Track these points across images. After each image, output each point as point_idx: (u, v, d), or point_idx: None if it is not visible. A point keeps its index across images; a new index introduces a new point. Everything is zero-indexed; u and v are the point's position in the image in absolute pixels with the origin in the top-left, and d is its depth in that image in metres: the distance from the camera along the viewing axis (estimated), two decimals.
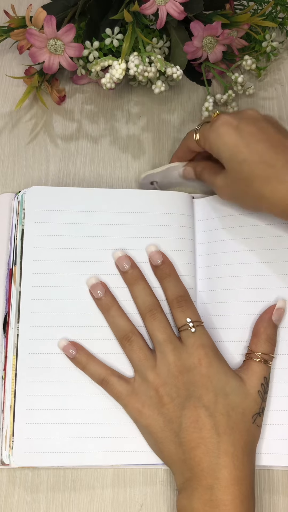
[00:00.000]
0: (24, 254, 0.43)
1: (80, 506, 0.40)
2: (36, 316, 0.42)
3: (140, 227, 0.44)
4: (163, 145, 0.52)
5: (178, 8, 0.46)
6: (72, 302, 0.42)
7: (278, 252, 0.43)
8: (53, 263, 0.43)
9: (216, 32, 0.49)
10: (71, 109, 0.54)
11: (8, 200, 0.46)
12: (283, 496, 0.40)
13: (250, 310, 0.42)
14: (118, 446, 0.40)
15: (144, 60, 0.46)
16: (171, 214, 0.45)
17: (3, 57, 0.56)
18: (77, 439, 0.40)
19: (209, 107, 0.51)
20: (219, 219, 0.45)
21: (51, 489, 0.40)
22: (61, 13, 0.50)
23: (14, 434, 0.39)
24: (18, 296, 0.42)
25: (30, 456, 0.39)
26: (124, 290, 0.42)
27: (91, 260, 0.43)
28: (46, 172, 0.50)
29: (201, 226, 0.46)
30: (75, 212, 0.44)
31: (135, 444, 0.40)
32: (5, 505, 0.40)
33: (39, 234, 0.43)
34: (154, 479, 0.41)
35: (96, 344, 0.41)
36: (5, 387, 0.41)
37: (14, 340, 0.41)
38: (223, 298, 0.43)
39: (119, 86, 0.55)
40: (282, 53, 0.57)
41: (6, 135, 0.52)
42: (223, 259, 0.44)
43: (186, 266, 0.44)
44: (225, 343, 0.42)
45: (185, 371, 0.38)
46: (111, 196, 0.45)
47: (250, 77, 0.56)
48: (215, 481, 0.35)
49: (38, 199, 0.44)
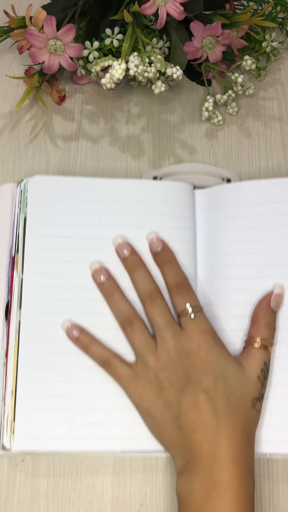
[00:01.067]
0: (27, 242, 0.43)
1: (80, 506, 0.40)
2: (38, 303, 0.42)
3: (142, 217, 0.44)
4: (163, 145, 0.52)
5: (178, 8, 0.46)
6: (74, 289, 0.42)
7: (279, 242, 0.44)
8: (56, 251, 0.43)
9: (216, 32, 0.49)
10: (71, 109, 0.54)
11: (10, 189, 0.47)
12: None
13: (251, 299, 0.43)
14: (119, 432, 0.40)
15: (144, 60, 0.46)
16: (172, 204, 0.45)
17: (3, 57, 0.56)
18: (78, 424, 0.40)
19: (209, 107, 0.51)
20: (220, 209, 0.45)
21: (51, 489, 0.40)
22: (61, 13, 0.50)
23: (15, 419, 0.39)
24: (20, 283, 0.43)
25: (31, 441, 0.39)
26: (126, 279, 0.43)
27: (92, 249, 0.43)
28: (46, 172, 0.50)
29: (202, 216, 0.46)
30: (76, 201, 0.44)
31: (137, 430, 0.40)
32: (5, 505, 0.40)
33: (41, 222, 0.44)
34: (154, 479, 0.41)
35: (96, 331, 0.42)
36: (7, 373, 0.41)
37: (16, 327, 0.42)
38: (224, 287, 0.43)
39: (119, 86, 0.55)
40: (282, 53, 0.57)
41: (6, 135, 0.52)
42: (223, 249, 0.44)
43: (187, 255, 0.44)
44: (226, 332, 0.42)
45: (185, 355, 0.38)
46: (112, 186, 0.45)
47: (250, 77, 0.56)
48: (215, 461, 0.35)
49: (40, 188, 0.45)
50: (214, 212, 0.46)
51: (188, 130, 0.53)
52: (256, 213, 0.44)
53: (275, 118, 0.54)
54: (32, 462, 0.41)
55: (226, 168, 0.51)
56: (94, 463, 0.41)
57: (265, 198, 0.45)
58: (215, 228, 0.45)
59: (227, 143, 0.53)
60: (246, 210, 0.45)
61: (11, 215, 0.46)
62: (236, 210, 0.45)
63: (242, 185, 0.46)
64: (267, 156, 0.52)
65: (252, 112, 0.54)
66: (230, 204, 0.45)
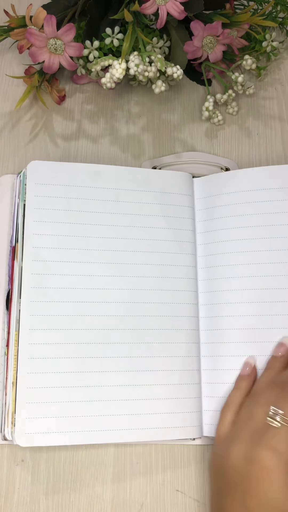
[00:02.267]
0: (26, 228, 0.43)
1: (80, 506, 0.40)
2: (35, 291, 0.42)
3: (140, 205, 0.45)
4: (163, 145, 0.52)
5: (178, 7, 0.46)
6: (71, 277, 0.42)
7: (278, 228, 0.44)
8: (52, 237, 0.43)
9: (216, 32, 0.49)
10: (71, 109, 0.54)
11: (10, 180, 0.47)
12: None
13: (245, 285, 0.43)
14: (120, 424, 0.40)
15: (144, 60, 0.46)
16: (171, 194, 0.45)
17: (3, 57, 0.56)
18: (78, 417, 0.39)
19: (209, 106, 0.51)
20: (217, 196, 0.46)
21: (50, 489, 0.40)
22: (61, 13, 0.50)
23: (16, 412, 0.39)
24: (20, 272, 0.42)
25: (31, 437, 0.39)
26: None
27: (89, 236, 0.44)
28: None
29: (199, 203, 0.46)
30: (74, 187, 0.45)
31: (137, 422, 0.40)
32: (5, 505, 0.40)
33: (39, 208, 0.44)
34: (154, 479, 0.41)
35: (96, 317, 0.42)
36: (8, 364, 0.41)
37: (17, 316, 0.41)
38: (222, 274, 0.44)
39: (119, 86, 0.55)
40: (282, 53, 0.57)
41: (6, 134, 0.52)
42: (222, 236, 0.45)
43: (186, 244, 0.44)
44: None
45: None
46: (111, 173, 0.45)
47: (250, 77, 0.56)
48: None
49: (38, 173, 0.45)
50: (211, 200, 0.46)
51: (188, 130, 0.53)
52: (253, 200, 0.45)
53: (275, 118, 0.54)
54: (32, 462, 0.41)
55: (224, 157, 0.51)
56: (94, 464, 0.41)
57: (262, 185, 0.45)
58: (212, 216, 0.46)
59: (227, 143, 0.52)
60: (243, 197, 0.45)
61: (11, 205, 0.46)
62: (233, 197, 0.45)
63: (238, 173, 0.46)
64: (267, 156, 0.52)
65: (252, 111, 0.54)
66: (227, 191, 0.46)
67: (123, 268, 0.43)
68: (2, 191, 0.47)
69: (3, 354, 0.42)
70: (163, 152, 0.52)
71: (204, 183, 0.47)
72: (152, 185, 0.45)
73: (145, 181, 0.45)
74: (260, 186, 0.45)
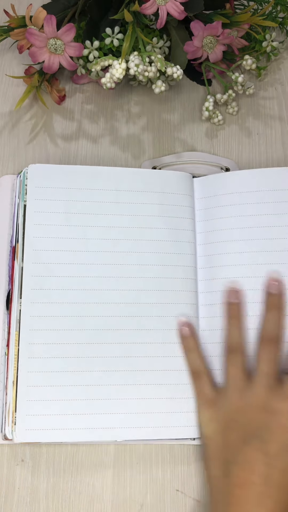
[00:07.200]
0: (26, 231, 0.43)
1: (80, 506, 0.40)
2: (36, 293, 0.42)
3: (140, 205, 0.45)
4: (163, 145, 0.52)
5: (178, 7, 0.46)
6: (72, 278, 0.42)
7: (278, 228, 0.44)
8: (53, 239, 0.43)
9: (217, 32, 0.49)
10: (71, 109, 0.54)
11: (10, 180, 0.47)
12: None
13: (245, 286, 0.43)
14: (120, 422, 0.40)
15: (144, 60, 0.46)
16: (171, 194, 0.45)
17: (3, 57, 0.56)
18: (78, 415, 0.40)
19: (209, 106, 0.51)
20: (217, 197, 0.46)
21: (51, 489, 0.40)
22: (61, 13, 0.50)
23: (17, 410, 0.39)
24: (20, 273, 0.43)
25: (32, 433, 0.39)
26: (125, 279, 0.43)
27: (90, 237, 0.44)
28: None
29: (200, 204, 0.46)
30: (74, 189, 0.45)
31: (138, 420, 0.40)
32: (5, 505, 0.40)
33: (39, 211, 0.44)
34: (154, 479, 0.41)
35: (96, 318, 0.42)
36: (8, 363, 0.41)
37: (17, 316, 0.42)
38: (222, 274, 0.44)
39: (119, 86, 0.55)
40: (282, 53, 0.57)
41: (6, 135, 0.52)
42: (222, 236, 0.45)
43: (186, 244, 0.44)
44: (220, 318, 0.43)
45: (268, 411, 0.37)
46: (110, 174, 0.46)
47: (250, 77, 0.56)
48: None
49: (38, 177, 0.45)
50: (211, 200, 0.46)
51: (188, 130, 0.53)
52: (253, 201, 0.45)
53: (275, 118, 0.54)
54: (32, 462, 0.41)
55: (224, 157, 0.51)
56: (94, 463, 0.41)
57: (261, 187, 0.45)
58: (211, 216, 0.46)
59: (227, 143, 0.52)
60: (243, 198, 0.45)
61: (11, 206, 0.46)
62: (233, 197, 0.45)
63: (239, 174, 0.46)
64: (267, 156, 0.52)
65: (252, 111, 0.54)
66: (227, 191, 0.46)
67: (123, 269, 0.43)
68: (2, 192, 0.47)
69: (3, 354, 0.42)
70: (163, 152, 0.52)
71: (204, 183, 0.47)
72: (152, 186, 0.45)
73: (145, 181, 0.46)
74: (260, 187, 0.45)
